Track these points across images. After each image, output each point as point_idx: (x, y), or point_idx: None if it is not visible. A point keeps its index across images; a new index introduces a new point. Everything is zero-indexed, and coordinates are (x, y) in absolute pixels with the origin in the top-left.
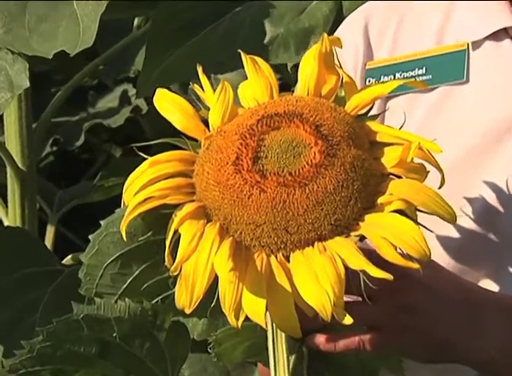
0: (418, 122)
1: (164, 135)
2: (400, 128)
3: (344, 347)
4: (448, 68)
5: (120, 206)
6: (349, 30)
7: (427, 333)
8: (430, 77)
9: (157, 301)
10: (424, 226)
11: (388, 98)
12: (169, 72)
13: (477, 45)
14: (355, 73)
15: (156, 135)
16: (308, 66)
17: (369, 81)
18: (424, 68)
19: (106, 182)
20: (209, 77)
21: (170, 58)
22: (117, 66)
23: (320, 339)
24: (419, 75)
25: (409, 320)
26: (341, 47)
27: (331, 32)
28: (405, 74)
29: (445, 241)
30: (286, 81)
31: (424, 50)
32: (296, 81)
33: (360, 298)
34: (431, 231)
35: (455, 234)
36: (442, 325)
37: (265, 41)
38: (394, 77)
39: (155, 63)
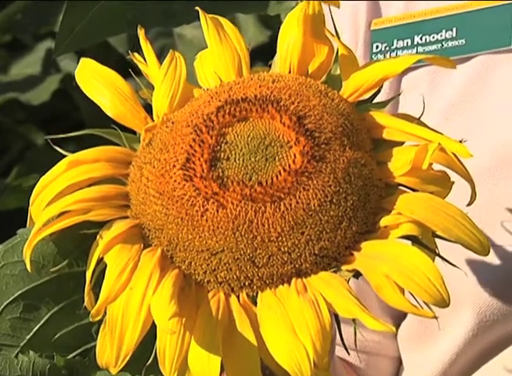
0: (445, 106)
1: (106, 116)
2: (420, 117)
3: None
4: (488, 29)
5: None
6: None
7: None
8: (464, 42)
9: (75, 356)
10: (446, 260)
11: (404, 72)
12: (100, 22)
13: None
14: (355, 42)
15: (96, 114)
16: (290, 33)
17: (377, 46)
18: (455, 29)
19: (24, 181)
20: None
21: (101, 3)
22: (40, 17)
23: None
24: (447, 39)
25: None
26: (338, 6)
27: None
28: (428, 38)
29: (476, 273)
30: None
31: (454, 4)
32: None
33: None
34: (457, 267)
35: (492, 261)
36: None
37: None
38: (413, 41)
39: (80, 10)
